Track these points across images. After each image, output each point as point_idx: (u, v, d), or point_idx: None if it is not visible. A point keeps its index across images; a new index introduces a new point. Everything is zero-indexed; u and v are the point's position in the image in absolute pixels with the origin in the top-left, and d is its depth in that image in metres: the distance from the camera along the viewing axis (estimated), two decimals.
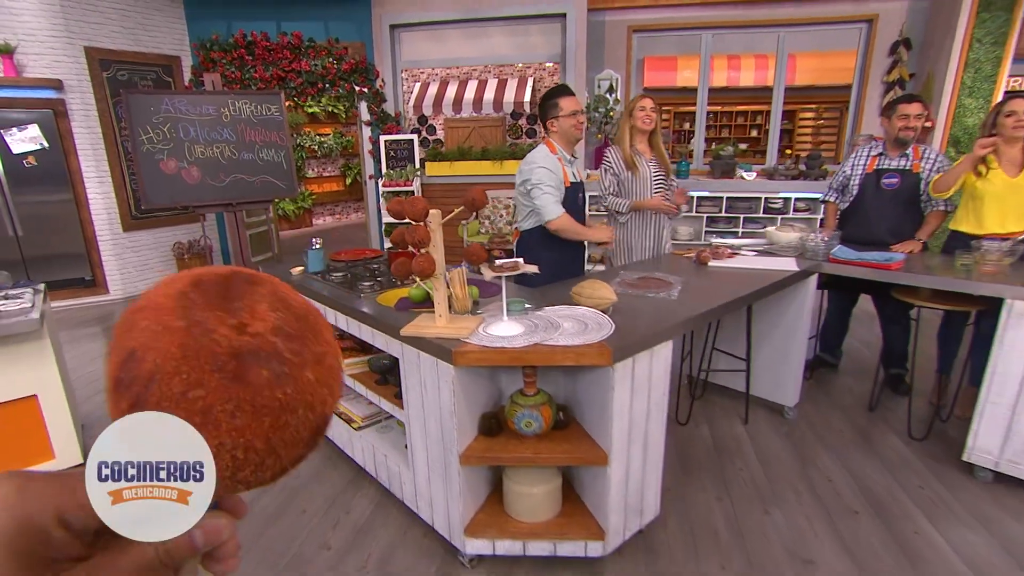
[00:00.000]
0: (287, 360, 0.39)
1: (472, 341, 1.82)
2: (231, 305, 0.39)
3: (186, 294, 0.38)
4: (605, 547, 1.98)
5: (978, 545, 2.13)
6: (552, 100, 2.64)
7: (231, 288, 0.40)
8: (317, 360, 0.41)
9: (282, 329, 0.40)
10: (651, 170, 3.11)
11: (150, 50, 5.58)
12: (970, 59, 5.11)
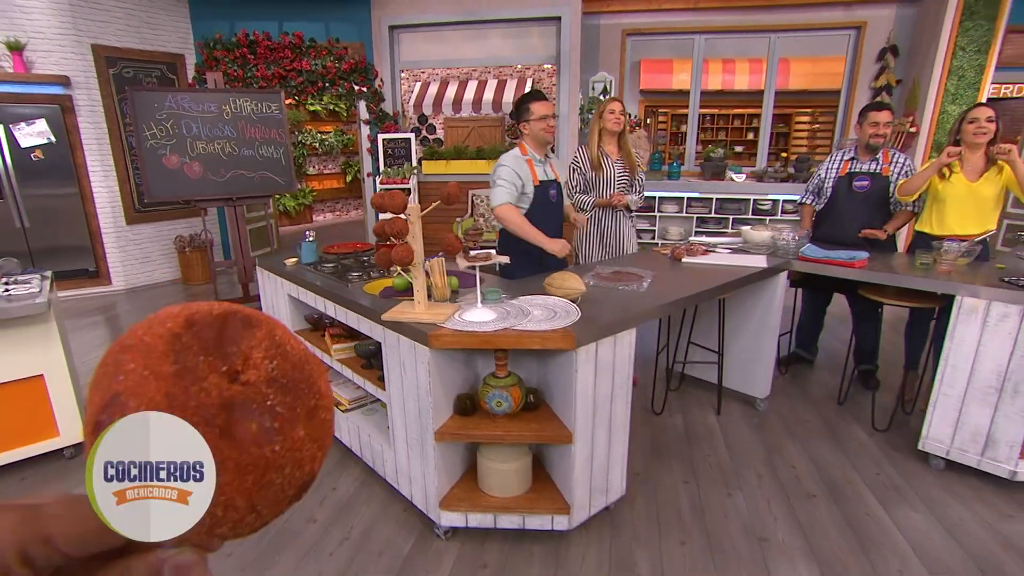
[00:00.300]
0: (278, 415, 0.37)
1: (447, 326, 1.96)
2: (225, 350, 0.38)
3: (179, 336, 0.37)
4: (570, 521, 2.12)
5: (922, 526, 2.26)
6: (525, 104, 2.78)
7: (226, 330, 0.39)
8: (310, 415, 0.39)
9: (276, 380, 0.38)
10: (616, 170, 3.27)
11: (155, 48, 5.74)
12: (954, 66, 5.24)
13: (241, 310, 0.40)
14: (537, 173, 2.80)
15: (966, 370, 2.48)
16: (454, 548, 2.17)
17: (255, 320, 0.40)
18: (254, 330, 0.40)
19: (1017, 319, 2.32)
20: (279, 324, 0.42)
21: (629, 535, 2.22)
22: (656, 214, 6.21)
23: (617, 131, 3.25)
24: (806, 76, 8.17)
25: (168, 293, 5.89)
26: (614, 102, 3.24)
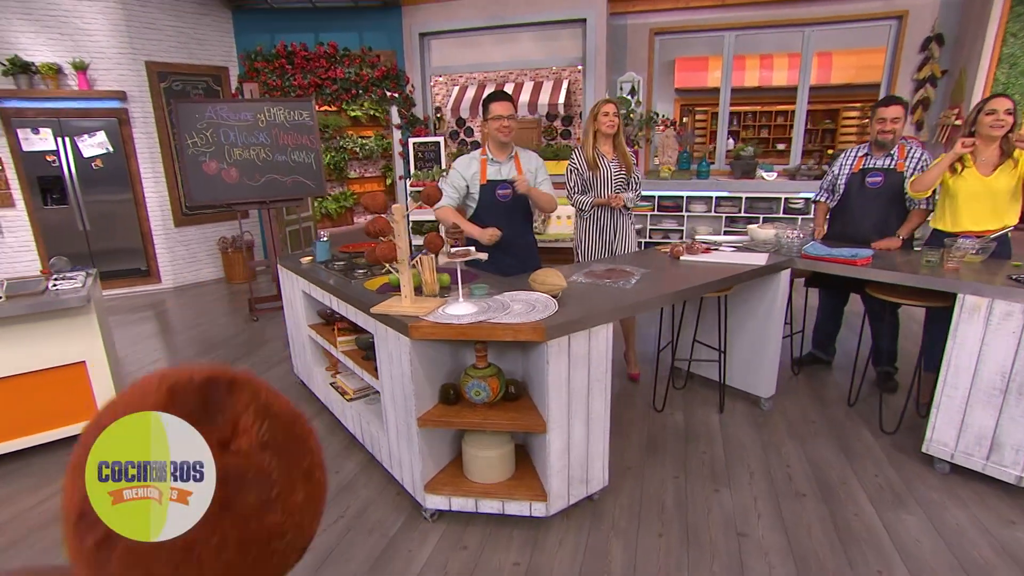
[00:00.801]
0: (275, 482, 0.37)
1: (428, 318, 2.07)
2: (212, 418, 0.37)
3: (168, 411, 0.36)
4: (548, 509, 2.19)
5: (914, 529, 2.21)
6: (485, 104, 2.86)
7: (210, 397, 0.37)
8: (306, 476, 0.39)
9: (269, 444, 0.37)
10: (612, 170, 3.30)
11: (201, 62, 6.14)
12: (1004, 54, 4.97)
13: (224, 373, 0.39)
14: (488, 172, 2.90)
15: (969, 371, 2.40)
16: (439, 529, 2.28)
17: (238, 383, 0.39)
18: (239, 394, 0.38)
19: (1021, 318, 2.23)
20: (263, 384, 0.41)
21: (609, 525, 2.27)
22: (684, 214, 6.16)
23: (611, 133, 3.29)
24: (850, 69, 7.87)
25: (212, 291, 6.27)
26: (607, 104, 3.28)
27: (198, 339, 4.76)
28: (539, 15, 6.07)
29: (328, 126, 10.21)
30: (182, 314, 5.55)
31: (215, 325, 5.11)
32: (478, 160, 2.95)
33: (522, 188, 2.79)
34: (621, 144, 3.35)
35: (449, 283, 2.49)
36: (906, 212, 3.17)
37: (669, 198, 6.15)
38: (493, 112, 2.84)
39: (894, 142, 3.11)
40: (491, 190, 2.94)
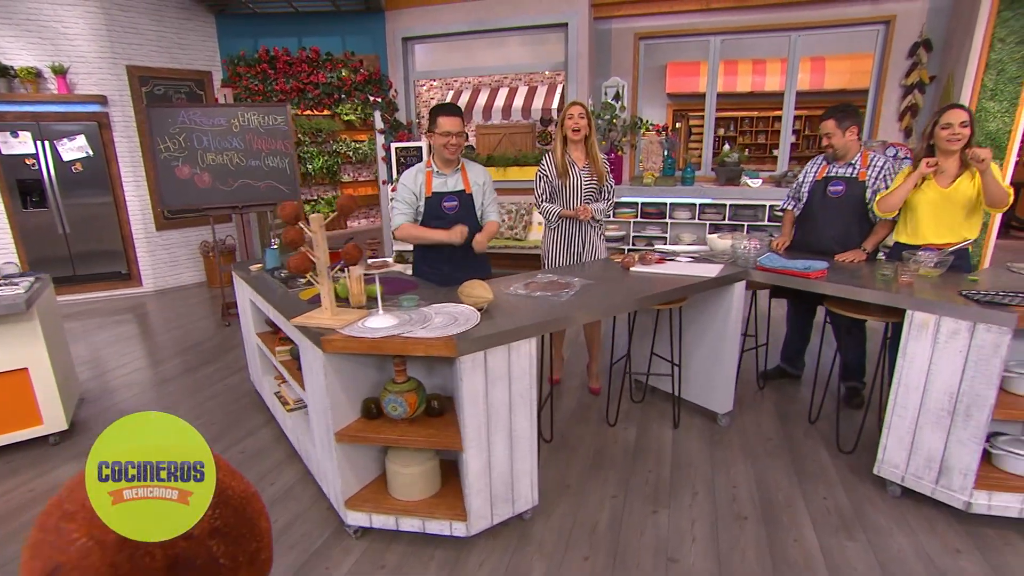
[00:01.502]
0: (221, 567, 0.37)
1: (343, 331, 2.01)
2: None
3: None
4: (468, 528, 2.11)
5: (853, 555, 2.11)
6: (433, 116, 2.73)
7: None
8: (251, 560, 0.40)
9: (219, 530, 0.38)
10: (583, 178, 3.18)
11: (184, 66, 6.15)
12: (991, 60, 4.83)
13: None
14: (433, 184, 2.81)
15: (919, 390, 2.29)
16: (361, 547, 2.21)
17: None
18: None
19: (967, 336, 2.12)
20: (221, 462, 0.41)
21: (535, 546, 2.19)
22: (668, 221, 6.06)
23: (577, 138, 3.15)
24: (843, 74, 7.73)
25: (193, 294, 6.26)
26: (573, 106, 3.14)
27: (170, 343, 4.74)
28: (521, 19, 6.01)
29: (321, 130, 10.21)
30: (159, 318, 5.55)
31: (189, 329, 5.09)
32: (424, 172, 2.85)
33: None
34: (594, 150, 3.20)
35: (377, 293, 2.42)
36: (869, 222, 3.07)
37: (653, 205, 6.06)
38: (441, 127, 2.71)
39: (838, 154, 3.04)
40: (437, 203, 2.85)
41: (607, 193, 3.28)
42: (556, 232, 3.31)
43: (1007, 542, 2.14)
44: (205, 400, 3.66)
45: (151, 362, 4.37)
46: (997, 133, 4.86)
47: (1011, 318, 2.01)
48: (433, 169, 2.85)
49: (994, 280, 2.50)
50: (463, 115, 2.81)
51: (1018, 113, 4.75)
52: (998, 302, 2.10)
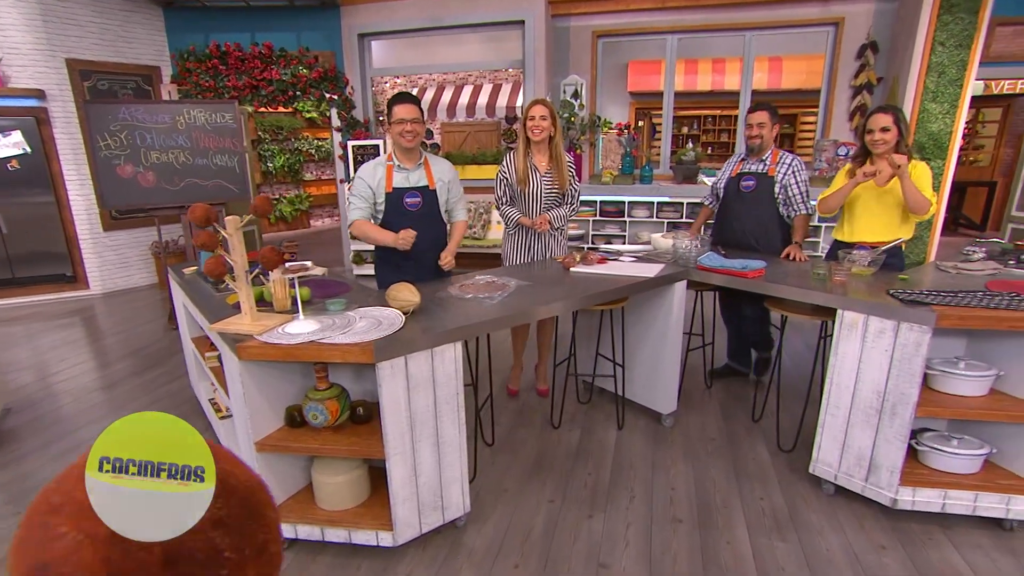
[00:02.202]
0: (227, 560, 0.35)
1: (261, 337, 1.93)
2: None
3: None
4: (395, 538, 2.06)
5: (783, 556, 2.11)
6: (388, 106, 2.62)
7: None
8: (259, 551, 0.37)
9: (223, 521, 0.36)
10: (544, 185, 3.06)
11: (130, 60, 5.94)
12: (933, 63, 4.94)
13: None
14: (394, 180, 2.68)
15: (850, 389, 2.30)
16: (286, 559, 2.14)
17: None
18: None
19: (892, 335, 2.14)
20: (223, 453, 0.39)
21: (465, 555, 2.14)
22: (627, 219, 6.07)
23: (538, 139, 2.98)
24: (799, 74, 7.85)
25: (143, 297, 6.07)
26: (535, 106, 2.96)
27: (114, 347, 4.58)
28: (478, 16, 5.95)
29: (282, 127, 10.02)
30: (106, 321, 5.35)
31: (134, 334, 4.92)
32: (384, 166, 2.69)
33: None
34: (558, 153, 3.03)
35: (310, 297, 2.35)
36: (780, 217, 3.16)
37: (611, 203, 6.06)
38: (396, 115, 2.56)
39: (762, 146, 3.09)
40: (398, 199, 2.69)
41: (570, 198, 3.16)
42: (516, 237, 3.20)
43: (930, 536, 2.17)
44: (144, 407, 3.52)
45: (92, 367, 4.20)
46: (939, 134, 4.97)
47: (931, 316, 2.03)
48: (394, 163, 2.69)
49: (923, 278, 2.54)
50: (419, 103, 2.66)
51: (958, 115, 4.86)
52: (920, 301, 2.12)
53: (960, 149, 5.15)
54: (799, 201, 3.07)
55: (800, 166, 3.06)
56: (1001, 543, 2.13)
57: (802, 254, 2.99)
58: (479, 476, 2.62)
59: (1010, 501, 2.13)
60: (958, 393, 2.22)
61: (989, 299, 2.11)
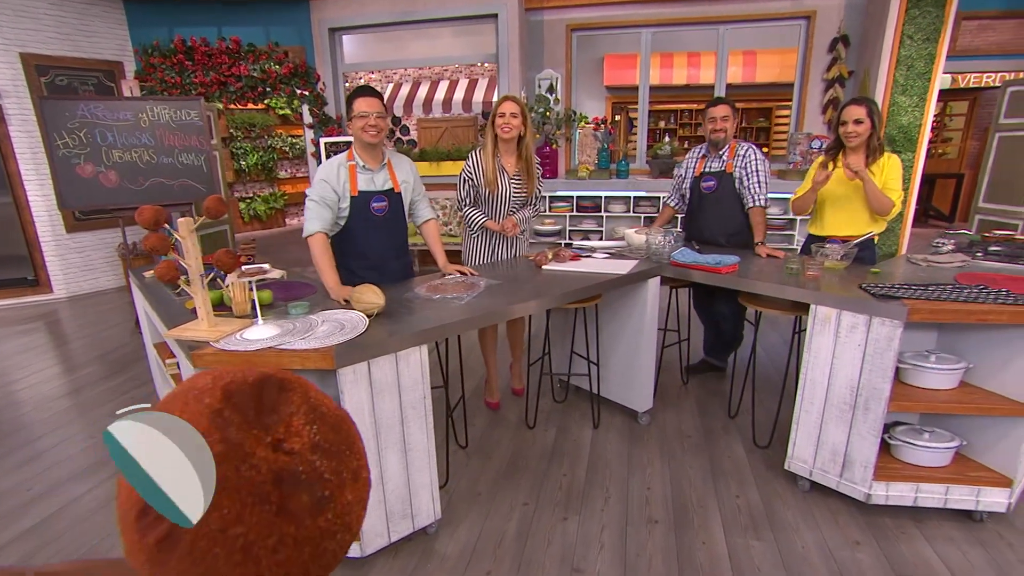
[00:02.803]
0: (327, 482, 0.37)
1: (218, 344, 1.85)
2: (265, 419, 0.37)
3: (220, 411, 0.36)
4: (363, 548, 1.99)
5: (758, 555, 2.09)
6: (349, 101, 2.43)
7: (263, 399, 0.38)
8: (354, 477, 0.39)
9: (320, 445, 0.38)
10: (512, 188, 2.94)
11: (90, 56, 5.74)
12: (902, 56, 4.97)
13: (274, 374, 0.40)
14: (359, 182, 2.49)
15: (823, 385, 2.29)
16: None
17: (289, 383, 0.40)
18: (290, 394, 0.39)
19: (864, 329, 2.13)
20: (311, 385, 0.41)
21: (436, 563, 2.09)
22: (603, 214, 6.04)
23: (508, 137, 2.82)
24: (773, 68, 7.89)
25: (109, 300, 5.89)
26: (505, 102, 2.79)
27: (77, 353, 4.43)
28: (451, 10, 5.86)
29: (255, 125, 9.81)
30: (67, 327, 5.18)
31: (99, 339, 4.76)
32: (346, 167, 2.47)
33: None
34: (527, 153, 2.89)
35: (272, 300, 2.27)
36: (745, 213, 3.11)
37: (588, 198, 6.03)
38: (357, 109, 2.37)
39: (725, 141, 3.06)
40: (364, 204, 2.50)
41: (535, 199, 3.07)
42: (478, 239, 3.07)
43: (903, 531, 2.17)
44: (106, 415, 3.41)
45: (56, 373, 4.06)
46: (909, 126, 5.01)
47: (902, 311, 2.02)
48: (357, 163, 2.49)
49: (895, 272, 2.53)
50: (382, 97, 2.51)
51: (927, 107, 4.91)
52: (891, 295, 2.11)
53: (929, 142, 5.20)
54: (753, 192, 2.98)
55: (755, 155, 3.00)
56: (971, 535, 2.14)
57: (776, 251, 2.94)
58: (452, 480, 2.57)
59: (980, 493, 2.14)
60: (929, 387, 2.22)
61: (958, 292, 2.11)
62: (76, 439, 3.10)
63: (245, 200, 9.89)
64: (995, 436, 2.19)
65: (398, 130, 10.73)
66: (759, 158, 3.01)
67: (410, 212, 2.73)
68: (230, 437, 0.35)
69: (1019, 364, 2.08)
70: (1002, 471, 2.17)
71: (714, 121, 3.01)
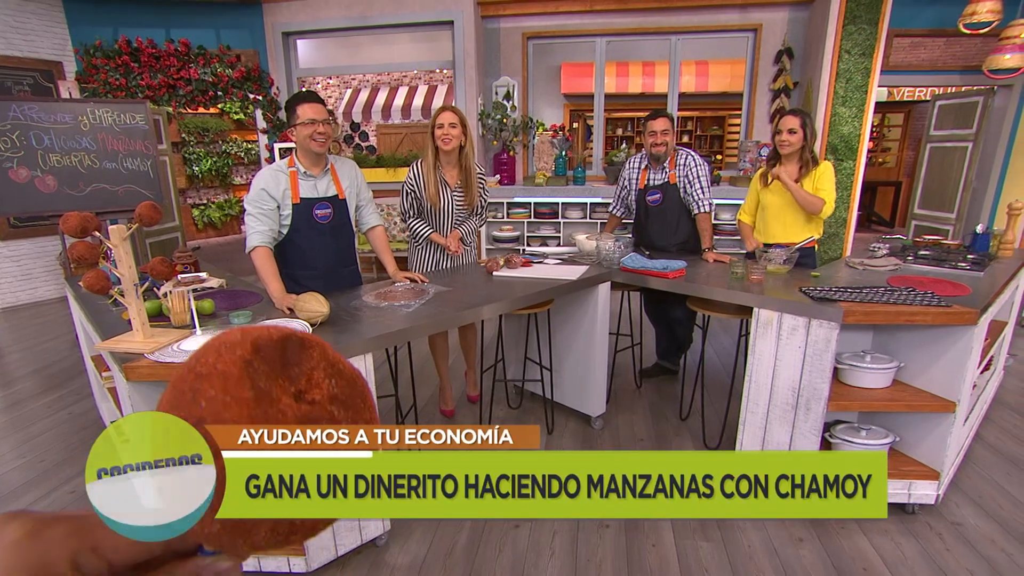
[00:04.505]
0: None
1: (153, 356, 1.78)
2: (290, 372, 0.40)
3: (250, 362, 0.38)
4: (308, 563, 1.95)
5: (706, 555, 2.13)
6: (291, 106, 2.36)
7: (287, 353, 0.41)
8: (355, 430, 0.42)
9: (337, 398, 0.41)
10: (455, 202, 2.92)
11: (26, 54, 5.48)
12: (841, 69, 5.18)
13: (295, 332, 0.42)
14: (300, 189, 2.42)
15: (767, 386, 2.36)
16: None
17: (309, 342, 0.42)
18: (310, 351, 0.42)
19: (804, 332, 2.20)
20: (328, 345, 0.43)
21: (386, 575, 2.06)
22: (560, 220, 6.09)
23: (448, 149, 2.78)
24: (724, 78, 8.13)
25: (50, 311, 5.62)
26: (443, 112, 2.76)
27: (11, 367, 4.21)
28: (407, 16, 5.84)
29: (208, 129, 9.53)
30: (4, 339, 4.91)
31: (37, 352, 4.53)
32: (286, 174, 2.39)
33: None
34: (468, 165, 2.85)
35: (213, 310, 2.20)
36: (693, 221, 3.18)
37: (545, 205, 6.07)
38: (304, 115, 2.29)
39: (666, 154, 3.10)
40: (307, 211, 2.43)
41: (480, 209, 3.06)
42: (423, 250, 3.06)
43: (842, 526, 2.25)
44: (41, 432, 3.24)
45: None
46: (849, 136, 5.23)
47: (838, 313, 2.10)
48: (299, 169, 2.41)
49: (833, 275, 2.63)
50: (324, 101, 2.45)
51: (864, 118, 5.14)
52: (828, 298, 2.19)
53: (869, 151, 5.45)
54: (698, 199, 3.05)
55: (694, 162, 3.06)
56: (904, 527, 2.23)
57: (722, 256, 3.02)
58: None
59: (911, 486, 2.23)
60: (864, 385, 2.31)
61: (889, 294, 2.21)
62: (7, 457, 2.94)
63: (199, 207, 9.59)
64: (924, 431, 2.29)
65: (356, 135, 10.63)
66: (699, 163, 3.08)
67: (356, 219, 2.68)
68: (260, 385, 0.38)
69: (943, 362, 2.19)
70: (930, 464, 2.27)
71: (654, 135, 3.04)
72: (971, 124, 5.91)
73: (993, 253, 3.00)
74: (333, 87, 10.48)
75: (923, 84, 6.40)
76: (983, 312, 2.10)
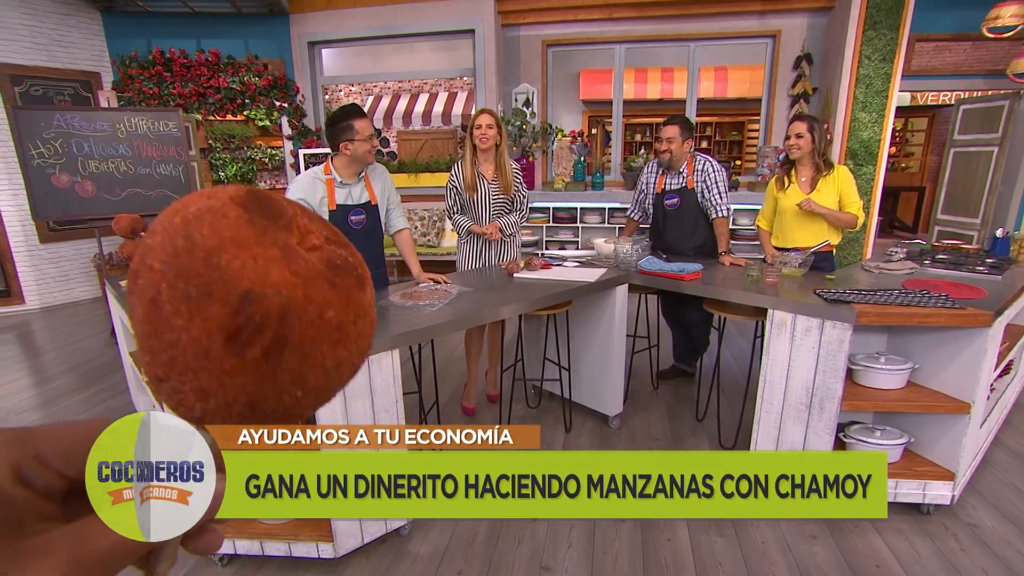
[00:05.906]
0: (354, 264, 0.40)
1: None
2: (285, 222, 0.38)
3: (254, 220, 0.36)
4: (336, 549, 2.04)
5: (720, 551, 2.18)
6: (346, 121, 2.48)
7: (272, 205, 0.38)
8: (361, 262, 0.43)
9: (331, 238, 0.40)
10: (492, 193, 3.08)
11: (67, 66, 5.73)
12: (861, 75, 5.19)
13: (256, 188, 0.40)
14: (336, 196, 2.56)
15: (781, 386, 2.40)
16: (226, 575, 2.10)
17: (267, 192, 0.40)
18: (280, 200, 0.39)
19: (818, 333, 2.24)
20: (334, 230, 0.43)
21: (408, 563, 2.14)
22: (579, 225, 6.16)
23: (485, 147, 2.99)
24: (743, 84, 8.14)
25: (85, 311, 5.83)
26: (481, 114, 2.98)
27: (49, 365, 4.39)
28: (429, 25, 5.97)
29: (234, 136, 9.79)
30: (40, 338, 5.12)
31: (71, 350, 4.72)
32: (323, 182, 2.52)
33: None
34: (503, 161, 3.05)
35: None
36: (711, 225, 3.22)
37: (564, 209, 6.15)
38: (363, 132, 2.45)
39: (673, 160, 3.17)
40: (342, 218, 2.55)
41: (520, 205, 3.19)
42: (468, 245, 3.22)
43: (856, 524, 2.28)
44: None
45: (27, 385, 4.02)
46: (869, 141, 5.23)
47: (851, 314, 2.14)
48: (335, 178, 2.55)
49: (848, 278, 2.67)
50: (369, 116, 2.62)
51: (885, 123, 5.13)
52: (842, 299, 2.23)
53: (891, 156, 5.43)
54: (715, 203, 3.12)
55: (713, 168, 3.12)
56: (919, 527, 2.26)
57: (738, 260, 3.06)
58: None
59: (926, 487, 2.26)
60: (879, 386, 2.34)
61: (903, 296, 2.24)
62: None
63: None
64: (939, 432, 2.32)
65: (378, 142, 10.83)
66: (716, 168, 3.14)
67: (384, 222, 2.81)
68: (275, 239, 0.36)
69: (958, 364, 2.21)
70: (946, 465, 2.29)
71: (660, 142, 3.14)
72: (996, 128, 5.84)
73: (1013, 257, 3.00)
74: (355, 94, 10.69)
75: (947, 88, 6.37)
76: (998, 314, 2.12)
